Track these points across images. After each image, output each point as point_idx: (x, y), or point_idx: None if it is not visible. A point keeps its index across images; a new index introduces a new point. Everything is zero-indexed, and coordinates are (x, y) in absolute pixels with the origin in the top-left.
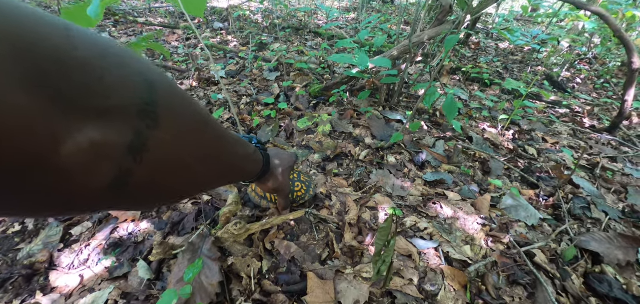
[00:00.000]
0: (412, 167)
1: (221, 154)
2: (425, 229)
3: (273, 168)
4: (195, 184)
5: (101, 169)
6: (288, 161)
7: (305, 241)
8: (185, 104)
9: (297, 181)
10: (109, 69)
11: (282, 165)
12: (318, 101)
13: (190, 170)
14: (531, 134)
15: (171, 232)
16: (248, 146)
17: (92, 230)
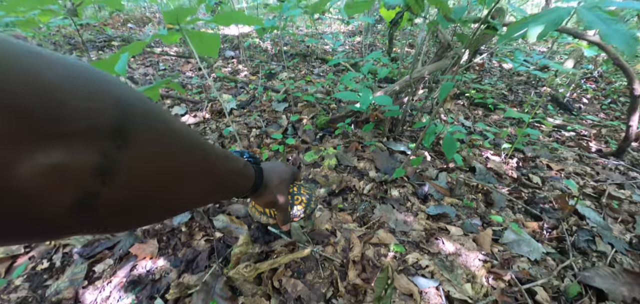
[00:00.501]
0: (415, 201)
1: (206, 171)
2: (426, 266)
3: (267, 182)
4: (177, 204)
5: (62, 192)
6: (285, 173)
7: (311, 279)
8: (162, 124)
9: (297, 194)
10: (77, 92)
11: (278, 178)
12: (324, 133)
13: (170, 190)
14: (535, 161)
15: (186, 270)
16: (237, 161)
17: (113, 267)
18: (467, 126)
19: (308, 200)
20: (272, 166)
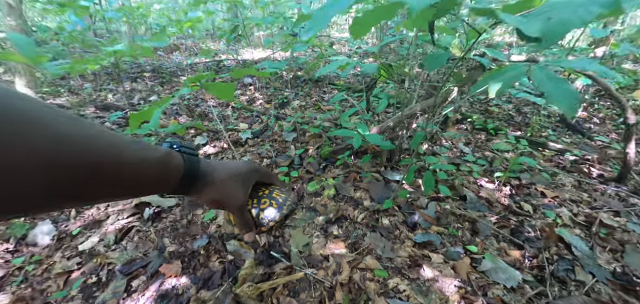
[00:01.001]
0: (404, 229)
1: (96, 163)
2: (404, 291)
3: (209, 175)
4: (61, 199)
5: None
6: (238, 168)
7: (304, 298)
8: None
9: (265, 197)
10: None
11: (227, 172)
12: (327, 163)
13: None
14: (530, 189)
15: (203, 286)
16: (151, 150)
17: (146, 283)
18: (465, 152)
19: (280, 204)
20: (222, 161)
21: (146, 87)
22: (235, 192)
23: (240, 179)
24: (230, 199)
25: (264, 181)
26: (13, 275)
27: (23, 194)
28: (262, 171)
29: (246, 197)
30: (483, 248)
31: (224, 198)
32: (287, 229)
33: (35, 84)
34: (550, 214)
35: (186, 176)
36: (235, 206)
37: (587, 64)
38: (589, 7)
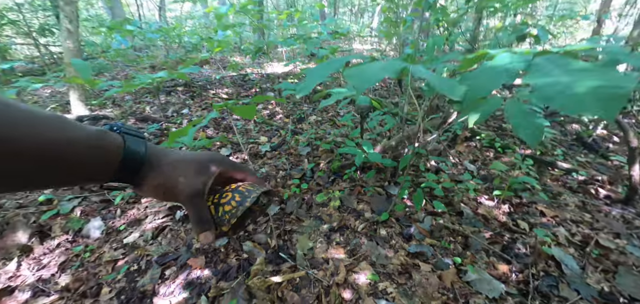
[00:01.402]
0: (399, 240)
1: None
2: (390, 293)
3: (153, 158)
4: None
5: None
6: (191, 154)
7: (304, 293)
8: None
9: (229, 191)
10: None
11: (175, 155)
12: (336, 177)
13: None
14: (531, 207)
15: (221, 278)
16: (81, 130)
17: (177, 272)
18: (470, 169)
19: (243, 197)
20: (177, 149)
21: (179, 99)
22: (186, 179)
23: (195, 164)
24: (178, 185)
25: (234, 175)
26: (72, 260)
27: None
28: (228, 162)
29: (202, 188)
30: (472, 261)
31: (170, 183)
32: (294, 235)
33: (86, 97)
34: (540, 233)
35: (127, 158)
36: (186, 195)
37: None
38: (497, 78)
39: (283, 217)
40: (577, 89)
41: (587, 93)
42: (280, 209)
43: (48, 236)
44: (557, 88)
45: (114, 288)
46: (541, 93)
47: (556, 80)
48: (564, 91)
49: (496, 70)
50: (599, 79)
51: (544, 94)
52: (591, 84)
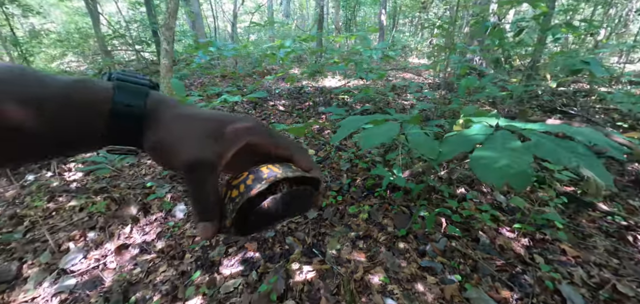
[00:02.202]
0: (414, 254)
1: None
2: (396, 294)
3: (156, 113)
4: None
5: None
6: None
7: (327, 282)
8: None
9: (253, 173)
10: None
11: (183, 110)
12: (368, 193)
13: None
14: (552, 245)
15: (268, 260)
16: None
17: (237, 251)
18: (499, 201)
19: (259, 180)
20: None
21: (243, 109)
22: (190, 140)
23: (211, 125)
24: (176, 145)
25: (274, 151)
26: (165, 231)
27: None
28: (264, 130)
29: (212, 159)
30: (477, 283)
31: (168, 142)
32: (327, 237)
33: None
34: (545, 268)
35: (118, 114)
36: (184, 163)
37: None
38: (462, 146)
39: (319, 222)
40: (495, 165)
41: (497, 169)
42: (318, 215)
43: (149, 212)
44: (481, 162)
45: (193, 255)
46: (473, 163)
47: (490, 154)
48: (487, 165)
49: (462, 140)
50: (512, 159)
51: (474, 164)
52: (504, 163)
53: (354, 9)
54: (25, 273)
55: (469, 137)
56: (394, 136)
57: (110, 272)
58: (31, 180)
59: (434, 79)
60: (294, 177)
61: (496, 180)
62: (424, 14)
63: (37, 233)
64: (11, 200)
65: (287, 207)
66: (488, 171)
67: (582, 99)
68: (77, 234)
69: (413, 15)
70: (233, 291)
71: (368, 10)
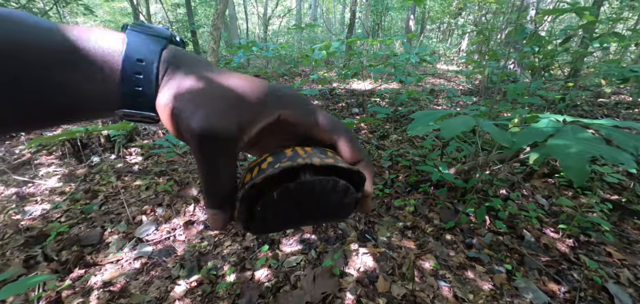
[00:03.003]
0: (461, 245)
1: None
2: (448, 277)
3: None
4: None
5: None
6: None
7: (382, 264)
8: None
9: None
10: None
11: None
12: (412, 189)
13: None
14: (598, 247)
15: (324, 241)
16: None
17: (294, 233)
18: (541, 204)
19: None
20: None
21: None
22: (206, 108)
23: (236, 91)
24: (186, 111)
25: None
26: None
27: None
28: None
29: (232, 132)
30: (524, 275)
31: (177, 106)
32: (376, 226)
33: None
34: (592, 265)
35: (130, 67)
36: (193, 132)
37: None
38: (533, 137)
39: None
40: (570, 150)
41: (574, 154)
42: None
43: None
44: (560, 148)
45: (243, 240)
46: (550, 148)
47: (564, 142)
48: (563, 150)
49: (534, 131)
50: (585, 146)
51: (551, 149)
52: (578, 148)
53: (382, 14)
54: (106, 239)
55: (540, 130)
56: (471, 126)
57: (180, 243)
58: (97, 161)
59: (467, 85)
60: (323, 165)
61: (572, 162)
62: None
63: (110, 206)
64: (82, 177)
65: (309, 203)
66: (565, 155)
67: (624, 112)
68: (147, 209)
69: (441, 21)
70: (296, 266)
71: (395, 16)
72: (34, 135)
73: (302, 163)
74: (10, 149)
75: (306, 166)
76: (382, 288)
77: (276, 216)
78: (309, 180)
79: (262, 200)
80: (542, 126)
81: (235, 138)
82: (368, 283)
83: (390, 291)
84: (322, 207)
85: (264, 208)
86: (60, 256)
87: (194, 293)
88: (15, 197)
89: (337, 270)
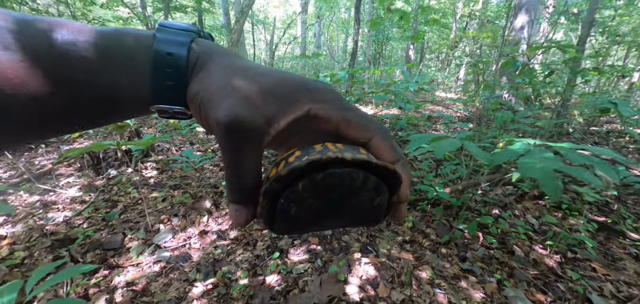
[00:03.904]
0: (455, 258)
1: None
2: (443, 286)
3: (200, 58)
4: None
5: None
6: (262, 71)
7: (383, 272)
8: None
9: (302, 150)
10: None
11: (231, 62)
12: (410, 206)
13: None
14: (584, 263)
15: (330, 251)
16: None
17: (301, 243)
18: (531, 223)
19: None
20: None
21: None
22: (232, 95)
23: (267, 84)
24: (215, 99)
25: (347, 130)
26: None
27: None
28: (336, 101)
29: (259, 124)
30: (513, 286)
31: (206, 95)
32: (377, 239)
33: None
34: (576, 276)
35: (160, 58)
36: (219, 119)
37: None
38: (507, 157)
39: (369, 227)
40: (535, 166)
41: (537, 169)
42: None
43: (219, 207)
44: (527, 164)
45: (264, 243)
46: (520, 166)
47: (531, 161)
48: (529, 167)
49: (508, 152)
50: (546, 163)
51: (521, 166)
52: (541, 165)
53: (383, 43)
54: (127, 244)
55: (514, 151)
56: (457, 147)
57: (195, 251)
58: (114, 173)
59: (463, 113)
60: (355, 160)
61: (536, 175)
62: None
63: (129, 215)
64: (101, 188)
65: (336, 200)
66: (530, 170)
67: (615, 140)
68: (164, 218)
69: (440, 51)
70: (303, 272)
71: (395, 45)
72: (52, 147)
73: (332, 157)
74: (29, 160)
75: (336, 160)
76: (383, 294)
77: (300, 213)
78: (338, 172)
79: (286, 192)
80: (516, 147)
81: (262, 130)
82: (370, 289)
83: (390, 296)
84: (351, 206)
85: (287, 202)
86: (85, 257)
87: (210, 294)
88: (38, 204)
89: (342, 276)
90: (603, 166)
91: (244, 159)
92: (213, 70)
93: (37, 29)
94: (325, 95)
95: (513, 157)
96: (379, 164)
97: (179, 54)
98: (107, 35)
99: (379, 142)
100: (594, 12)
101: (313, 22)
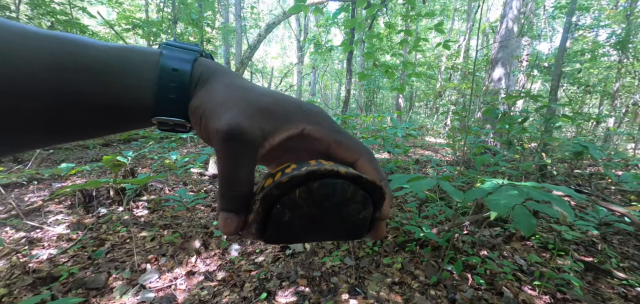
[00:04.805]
0: (444, 300)
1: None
2: None
3: (203, 76)
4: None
5: None
6: (261, 91)
7: (374, 301)
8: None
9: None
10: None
11: (232, 80)
12: (399, 248)
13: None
14: (570, 303)
15: (319, 294)
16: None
17: (289, 286)
18: (520, 264)
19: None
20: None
21: None
22: (233, 111)
23: (265, 103)
24: (217, 111)
25: (337, 151)
26: (224, 265)
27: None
28: (329, 124)
29: (256, 136)
30: None
31: (209, 107)
32: (366, 281)
33: None
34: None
35: (165, 73)
36: (220, 127)
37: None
38: (478, 195)
39: (358, 268)
40: (500, 202)
41: (501, 204)
42: (356, 263)
43: (208, 247)
44: (493, 201)
45: (252, 284)
46: (488, 202)
47: (496, 198)
48: (495, 203)
49: (478, 190)
50: (509, 200)
51: (488, 202)
52: (505, 201)
53: (374, 92)
54: (111, 284)
55: (484, 189)
56: (433, 185)
57: (181, 292)
58: (104, 212)
59: (451, 157)
60: (348, 174)
61: (500, 210)
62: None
63: (116, 254)
64: (90, 226)
65: (328, 210)
66: (496, 205)
67: (597, 182)
68: (151, 258)
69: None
70: None
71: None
72: (44, 184)
73: (329, 169)
74: (20, 196)
75: (332, 173)
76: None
77: (293, 221)
78: (332, 182)
79: (283, 198)
80: (486, 186)
81: (258, 141)
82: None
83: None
84: (340, 218)
85: (283, 208)
86: (67, 296)
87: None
88: (24, 241)
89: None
90: (559, 202)
91: (239, 167)
92: (216, 86)
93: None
94: (318, 118)
95: (482, 195)
96: (369, 179)
97: (184, 69)
98: (116, 50)
99: (365, 163)
100: (560, 66)
101: (309, 72)
